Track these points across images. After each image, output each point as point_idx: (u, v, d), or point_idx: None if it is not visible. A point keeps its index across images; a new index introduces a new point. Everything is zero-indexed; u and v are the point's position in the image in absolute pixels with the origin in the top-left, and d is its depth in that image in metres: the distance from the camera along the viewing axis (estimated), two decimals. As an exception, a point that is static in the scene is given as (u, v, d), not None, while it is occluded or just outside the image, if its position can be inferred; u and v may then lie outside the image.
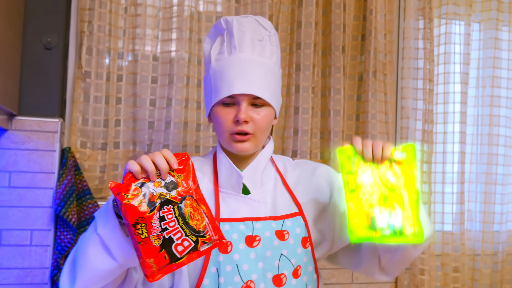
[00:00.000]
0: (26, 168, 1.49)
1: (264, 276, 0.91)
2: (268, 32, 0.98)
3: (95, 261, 0.79)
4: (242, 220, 0.93)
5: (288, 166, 1.06)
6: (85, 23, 1.61)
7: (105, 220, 0.79)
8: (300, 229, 0.96)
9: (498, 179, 1.93)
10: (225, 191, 0.97)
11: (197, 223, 0.76)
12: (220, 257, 0.90)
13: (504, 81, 1.95)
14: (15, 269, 1.47)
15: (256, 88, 0.92)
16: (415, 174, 0.84)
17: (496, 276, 1.92)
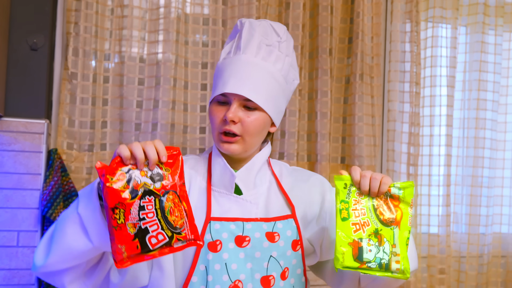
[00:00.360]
0: (13, 169, 1.51)
1: (252, 277, 0.93)
2: (279, 38, 0.97)
3: (71, 239, 0.80)
4: (233, 220, 0.94)
5: (284, 171, 1.07)
6: (71, 24, 1.64)
7: (87, 201, 0.80)
8: (291, 231, 0.97)
9: (484, 181, 1.97)
10: (218, 190, 0.98)
11: (175, 219, 0.77)
12: (209, 255, 0.91)
13: (490, 84, 1.99)
14: (2, 270, 1.49)
15: (248, 90, 0.92)
16: (410, 212, 0.84)
17: (482, 278, 1.96)
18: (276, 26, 0.99)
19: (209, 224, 0.93)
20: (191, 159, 1.03)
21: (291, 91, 1.04)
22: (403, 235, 0.84)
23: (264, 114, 0.95)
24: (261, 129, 0.96)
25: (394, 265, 0.82)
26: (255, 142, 0.97)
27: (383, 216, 0.85)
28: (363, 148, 1.83)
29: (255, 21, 0.99)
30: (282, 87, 0.98)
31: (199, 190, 0.97)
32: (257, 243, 0.93)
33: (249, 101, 0.92)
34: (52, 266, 0.83)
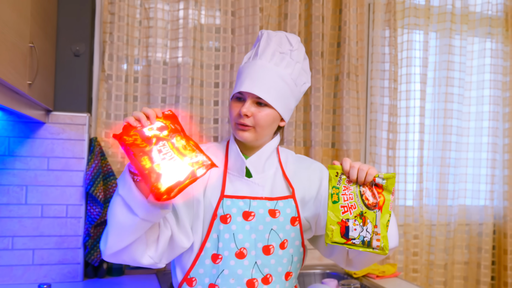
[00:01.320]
0: (61, 154, 1.55)
1: (255, 245, 0.96)
2: (291, 47, 0.98)
3: (121, 217, 0.82)
4: (242, 198, 0.97)
5: (290, 158, 1.08)
6: (106, 34, 1.67)
7: (123, 182, 0.83)
8: (290, 209, 0.99)
9: (451, 162, 2.01)
10: (232, 173, 1.00)
11: (190, 153, 0.80)
12: (221, 226, 0.95)
13: (456, 80, 2.02)
14: (54, 236, 1.53)
15: (260, 89, 0.94)
16: (391, 199, 0.85)
17: (449, 243, 2.01)
18: (290, 37, 1.00)
19: (222, 200, 0.96)
20: (212, 147, 1.06)
21: (301, 92, 1.04)
22: (384, 218, 0.84)
23: (273, 111, 0.97)
24: (270, 122, 0.97)
25: (375, 243, 0.83)
26: (265, 133, 0.99)
27: (368, 201, 0.86)
28: (350, 135, 1.88)
29: (273, 32, 1.01)
30: (292, 89, 0.99)
31: (218, 173, 1.00)
32: (261, 218, 0.96)
33: (260, 99, 0.95)
34: (114, 246, 0.84)
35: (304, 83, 1.04)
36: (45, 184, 1.54)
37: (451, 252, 2.02)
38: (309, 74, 1.06)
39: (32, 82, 1.18)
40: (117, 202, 0.84)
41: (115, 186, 1.62)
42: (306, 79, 1.05)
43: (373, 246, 0.84)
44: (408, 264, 1.96)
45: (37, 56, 1.22)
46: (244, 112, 0.95)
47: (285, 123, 1.04)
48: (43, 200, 1.54)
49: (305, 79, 1.04)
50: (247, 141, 0.98)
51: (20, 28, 1.06)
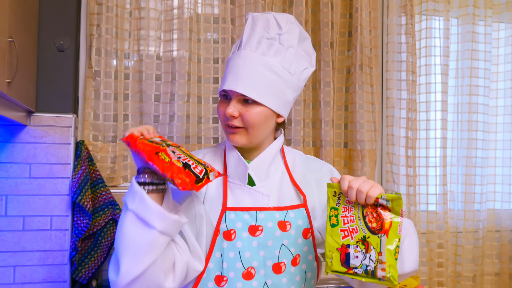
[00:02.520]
0: (45, 160, 1.53)
1: (264, 264, 0.92)
2: (280, 30, 0.93)
3: (134, 235, 0.78)
4: (247, 210, 0.93)
5: (297, 160, 1.04)
6: (93, 27, 1.67)
7: (132, 196, 0.80)
8: (302, 220, 0.95)
9: (478, 162, 1.99)
10: (233, 181, 0.96)
11: (198, 160, 0.85)
12: (224, 244, 0.91)
13: (481, 71, 2.00)
14: (38, 251, 1.52)
15: (243, 86, 0.89)
16: (399, 221, 0.79)
17: (478, 251, 1.98)
18: (280, 17, 0.94)
19: (225, 213, 0.92)
20: (209, 152, 1.02)
21: (300, 80, 0.97)
22: (392, 244, 0.79)
23: (264, 108, 0.91)
24: (262, 121, 0.93)
25: (379, 273, 0.79)
26: (260, 134, 0.94)
27: (371, 224, 0.81)
28: (364, 133, 1.86)
29: (259, 14, 0.95)
30: (285, 79, 0.93)
31: (217, 182, 0.96)
32: (270, 232, 0.92)
33: (246, 96, 0.90)
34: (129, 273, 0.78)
35: (305, 69, 0.98)
36: (27, 194, 1.53)
37: (480, 262, 2.00)
38: (311, 56, 1.00)
39: (11, 81, 1.17)
40: (128, 219, 0.80)
41: (104, 194, 1.62)
42: (307, 62, 0.98)
43: (378, 277, 0.79)
44: (432, 277, 1.94)
45: (16, 52, 1.21)
46: (230, 113, 0.90)
47: (284, 119, 1.00)
48: (25, 211, 1.53)
49: (304, 64, 0.98)
50: (240, 144, 0.95)
51: (-3, 19, 1.05)
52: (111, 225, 1.63)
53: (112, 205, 1.63)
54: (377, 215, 0.81)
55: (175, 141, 1.71)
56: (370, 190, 0.80)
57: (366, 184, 0.80)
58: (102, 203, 1.62)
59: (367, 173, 1.87)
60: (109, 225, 1.63)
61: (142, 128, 0.86)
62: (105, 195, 1.62)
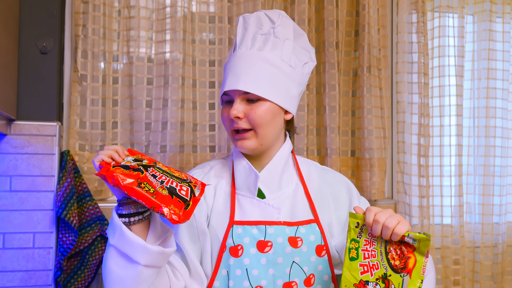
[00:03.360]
0: (27, 172, 1.53)
1: (274, 283, 0.92)
2: (273, 24, 0.96)
3: (119, 271, 0.80)
4: (255, 224, 0.93)
5: (313, 172, 1.05)
6: (79, 27, 1.66)
7: (113, 230, 0.81)
8: (315, 236, 0.95)
9: (496, 171, 1.97)
10: (241, 193, 0.97)
11: (179, 175, 0.84)
12: (231, 260, 0.91)
13: (500, 72, 1.98)
14: (19, 271, 1.51)
15: (244, 83, 0.91)
16: (424, 262, 0.79)
17: (497, 268, 1.96)
18: (271, 13, 0.98)
19: (232, 228, 0.93)
20: (217, 164, 1.04)
21: (303, 75, 1.00)
22: (414, 285, 0.78)
23: (269, 103, 0.93)
24: (270, 118, 0.94)
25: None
26: (269, 133, 0.95)
27: (394, 261, 0.81)
28: (373, 140, 1.85)
29: (249, 14, 0.99)
30: (287, 72, 0.95)
31: (224, 195, 0.98)
32: (279, 248, 0.92)
33: (249, 94, 0.92)
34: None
35: (306, 63, 1.00)
36: (7, 209, 1.52)
37: (500, 279, 1.98)
38: (310, 52, 1.02)
39: (-13, 86, 1.15)
40: (110, 254, 0.81)
41: (91, 208, 1.61)
42: (307, 57, 1.01)
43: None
44: (448, 295, 1.90)
45: (-7, 55, 1.19)
46: (234, 114, 0.92)
47: (293, 115, 1.01)
48: (5, 228, 1.51)
49: (304, 58, 1.00)
50: (250, 149, 0.96)
51: (-29, 20, 1.02)
52: (99, 242, 1.62)
53: (100, 220, 1.61)
54: (401, 252, 0.80)
55: (168, 151, 1.69)
56: (397, 226, 0.79)
57: (393, 219, 0.80)
58: (90, 218, 1.61)
59: (376, 183, 1.85)
60: (97, 242, 1.62)
61: (110, 151, 0.82)
62: (93, 209, 1.61)
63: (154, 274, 0.83)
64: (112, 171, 0.78)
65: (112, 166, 0.80)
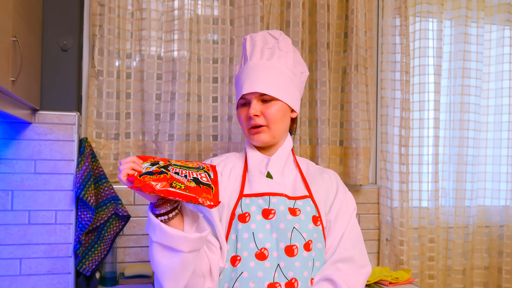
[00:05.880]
0: (49, 156, 1.53)
1: (277, 246, 0.95)
2: (276, 40, 1.04)
3: (167, 262, 0.82)
4: (261, 195, 0.98)
5: (311, 169, 1.10)
6: (96, 27, 1.66)
7: (152, 228, 0.83)
8: (311, 208, 0.99)
9: (469, 160, 1.99)
10: (252, 174, 1.03)
11: (192, 164, 0.86)
12: (239, 225, 0.95)
13: (473, 72, 2.00)
14: (43, 244, 1.52)
15: (259, 86, 0.98)
16: None
17: (468, 246, 1.99)
18: (272, 32, 1.07)
19: (241, 199, 0.98)
20: (232, 155, 1.10)
21: (301, 82, 1.08)
22: None
23: (280, 102, 1.01)
24: (281, 115, 1.01)
25: None
26: (280, 128, 1.02)
27: None
28: (359, 131, 1.86)
29: (254, 34, 1.07)
30: (291, 78, 1.03)
31: (237, 177, 1.03)
32: (281, 215, 0.96)
33: (264, 95, 0.99)
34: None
35: (302, 73, 1.08)
36: (32, 189, 1.53)
37: (470, 256, 2.00)
38: (303, 64, 1.10)
39: (15, 79, 1.16)
40: (155, 250, 0.84)
41: (107, 189, 1.62)
42: (303, 68, 1.09)
43: None
44: (423, 270, 1.94)
45: (20, 51, 1.20)
46: (252, 112, 0.99)
47: (297, 114, 1.08)
48: (30, 206, 1.52)
49: (301, 68, 1.08)
50: (265, 142, 1.02)
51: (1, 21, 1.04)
52: (114, 219, 1.64)
53: (115, 200, 1.63)
54: None
55: (175, 139, 1.72)
56: None
57: None
58: (105, 198, 1.62)
59: (362, 170, 1.87)
60: (112, 219, 1.64)
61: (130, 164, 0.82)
62: (108, 190, 1.62)
63: (196, 256, 0.85)
64: (143, 181, 0.77)
65: (138, 176, 0.79)
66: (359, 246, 1.01)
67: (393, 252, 1.91)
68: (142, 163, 0.84)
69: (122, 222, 1.64)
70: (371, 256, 1.96)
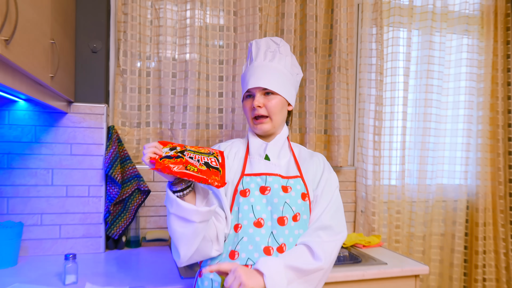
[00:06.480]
0: (83, 141, 1.54)
1: (271, 217, 0.96)
2: (277, 45, 1.04)
3: (182, 230, 0.84)
4: (259, 175, 0.99)
5: (303, 153, 1.09)
6: (121, 33, 1.64)
7: (170, 202, 0.84)
8: (300, 186, 0.99)
9: (430, 146, 2.00)
10: (253, 157, 1.02)
11: (204, 150, 0.86)
12: (241, 199, 0.96)
13: (436, 73, 1.99)
14: (78, 213, 1.54)
15: (263, 82, 0.99)
16: None
17: (427, 217, 2.01)
18: (274, 38, 1.06)
19: (243, 178, 0.98)
20: (237, 141, 1.10)
21: (297, 81, 1.07)
22: None
23: (279, 97, 1.00)
24: (280, 108, 1.01)
25: None
26: (279, 119, 1.02)
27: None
28: (340, 122, 1.86)
29: (259, 39, 1.07)
30: (288, 77, 1.03)
31: (240, 159, 1.03)
32: (275, 192, 0.97)
33: (266, 90, 0.99)
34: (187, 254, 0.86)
35: (297, 74, 1.08)
36: (68, 167, 1.54)
37: (429, 225, 2.02)
38: (299, 67, 1.09)
39: (54, 75, 1.16)
40: (173, 220, 0.85)
41: (131, 169, 1.62)
42: (298, 70, 1.08)
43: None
44: (391, 236, 1.96)
45: (57, 52, 1.20)
46: (257, 104, 0.99)
47: (292, 107, 1.08)
48: (68, 182, 1.53)
49: (297, 70, 1.08)
50: (266, 130, 1.02)
51: (41, 25, 1.03)
52: (137, 193, 1.65)
53: (138, 178, 1.63)
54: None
55: (187, 128, 1.71)
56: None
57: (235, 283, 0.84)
58: (129, 176, 1.63)
59: (342, 154, 1.88)
60: (135, 193, 1.64)
61: (152, 149, 0.82)
62: (132, 169, 1.63)
63: (206, 225, 0.86)
64: (163, 164, 0.77)
65: (159, 159, 0.79)
66: (338, 216, 1.01)
67: (366, 221, 1.93)
68: (162, 148, 0.83)
69: (144, 196, 1.65)
70: (349, 224, 1.98)
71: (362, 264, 1.47)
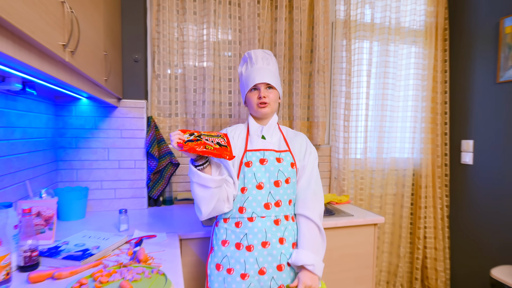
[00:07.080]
0: (130, 127, 1.55)
1: (269, 181, 0.97)
2: (269, 55, 1.05)
3: (202, 193, 0.86)
4: (258, 150, 0.98)
5: (290, 133, 1.08)
6: (155, 46, 1.64)
7: (192, 174, 0.86)
8: (289, 158, 0.99)
9: (386, 129, 1.99)
10: (253, 137, 1.02)
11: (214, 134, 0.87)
12: (245, 169, 0.96)
13: (391, 74, 1.97)
14: (128, 180, 1.56)
15: (267, 79, 1.00)
16: None
17: (384, 181, 2.02)
18: (266, 51, 1.08)
19: (246, 153, 0.98)
20: (240, 125, 1.09)
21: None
22: None
23: (276, 91, 1.02)
24: (276, 99, 1.02)
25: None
26: (275, 107, 1.03)
27: None
28: (319, 112, 1.86)
29: (255, 50, 1.07)
30: (278, 78, 1.04)
31: (242, 139, 1.02)
32: (271, 162, 0.97)
33: (269, 85, 1.00)
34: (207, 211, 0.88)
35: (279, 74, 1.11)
36: (120, 147, 1.56)
37: (385, 187, 2.04)
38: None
39: (107, 78, 1.18)
40: (195, 187, 0.86)
41: (165, 147, 1.63)
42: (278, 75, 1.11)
43: None
44: (356, 196, 1.99)
45: (109, 61, 1.22)
46: (264, 95, 0.99)
47: (281, 100, 1.08)
48: (119, 157, 1.56)
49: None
50: (266, 113, 1.01)
51: (97, 41, 1.05)
52: (170, 165, 1.66)
53: (170, 154, 1.65)
54: None
55: (206, 117, 1.73)
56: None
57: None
58: (164, 153, 1.64)
59: (320, 135, 1.89)
60: (168, 165, 1.66)
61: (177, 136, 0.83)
62: (165, 148, 1.64)
63: (220, 189, 0.89)
64: (188, 146, 0.79)
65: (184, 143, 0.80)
66: (319, 184, 1.03)
67: (338, 185, 1.94)
68: (183, 134, 0.85)
69: (175, 167, 1.68)
70: (325, 188, 1.99)
71: (335, 216, 1.50)
